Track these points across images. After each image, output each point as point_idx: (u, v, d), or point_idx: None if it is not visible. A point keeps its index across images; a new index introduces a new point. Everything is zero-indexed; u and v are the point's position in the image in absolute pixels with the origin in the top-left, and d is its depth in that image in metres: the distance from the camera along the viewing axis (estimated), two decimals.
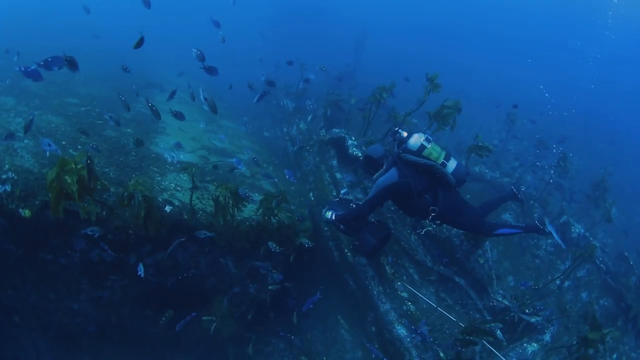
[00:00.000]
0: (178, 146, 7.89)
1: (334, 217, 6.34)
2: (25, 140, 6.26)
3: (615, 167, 12.64)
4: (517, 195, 6.69)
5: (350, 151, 8.46)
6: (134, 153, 7.12)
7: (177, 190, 6.56)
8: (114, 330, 6.80)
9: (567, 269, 7.30)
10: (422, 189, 5.92)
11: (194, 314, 6.24)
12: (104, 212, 5.13)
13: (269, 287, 6.90)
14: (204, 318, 6.66)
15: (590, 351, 5.04)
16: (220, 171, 7.92)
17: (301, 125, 10.35)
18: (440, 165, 5.90)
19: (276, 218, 6.54)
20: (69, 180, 4.14)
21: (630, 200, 14.28)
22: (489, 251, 7.43)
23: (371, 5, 36.12)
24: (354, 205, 6.51)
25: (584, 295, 8.37)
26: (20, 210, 4.85)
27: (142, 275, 5.13)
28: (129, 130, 8.08)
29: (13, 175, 5.21)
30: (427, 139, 5.98)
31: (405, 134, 6.11)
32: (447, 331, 6.40)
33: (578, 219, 10.08)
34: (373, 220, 6.57)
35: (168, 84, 13.12)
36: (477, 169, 10.75)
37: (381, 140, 8.66)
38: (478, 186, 10.79)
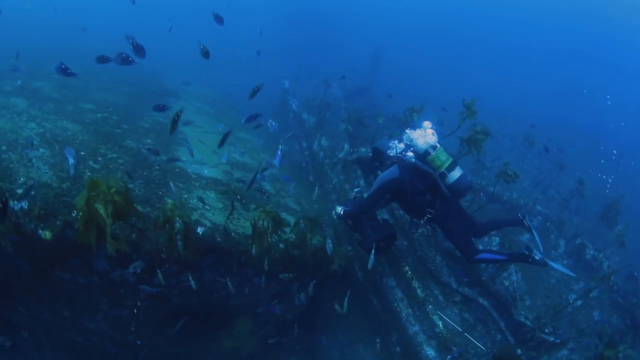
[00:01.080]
0: (201, 162, 7.27)
1: (342, 213, 6.26)
2: (41, 149, 5.54)
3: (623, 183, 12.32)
4: (524, 222, 6.29)
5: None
6: (157, 167, 6.42)
7: (206, 210, 5.88)
8: (129, 349, 6.08)
9: (586, 292, 7.29)
10: (423, 189, 5.87)
11: (187, 316, 5.69)
12: (134, 235, 4.42)
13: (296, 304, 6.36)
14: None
15: None
16: (246, 188, 7.26)
17: (323, 142, 9.72)
18: (438, 175, 5.75)
19: (311, 243, 5.89)
20: (102, 212, 3.44)
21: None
22: (514, 274, 7.36)
23: (383, 15, 35.42)
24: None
25: (595, 313, 8.22)
26: (40, 231, 4.12)
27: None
28: (149, 141, 7.38)
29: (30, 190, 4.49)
30: (433, 146, 5.79)
31: (414, 136, 5.94)
32: (471, 350, 6.34)
33: (591, 239, 9.76)
34: (379, 218, 6.45)
35: (183, 92, 12.43)
36: (492, 189, 10.21)
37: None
38: (496, 207, 10.29)
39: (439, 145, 5.84)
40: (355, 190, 7.00)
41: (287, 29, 23.96)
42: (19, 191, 4.38)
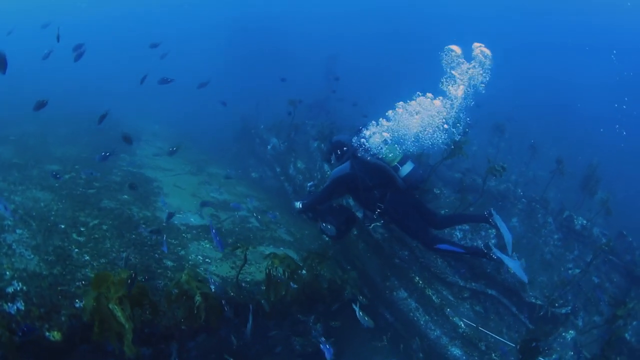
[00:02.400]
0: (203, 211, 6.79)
1: (301, 206, 6.30)
2: (18, 230, 4.91)
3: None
4: (489, 220, 6.17)
5: None
6: (143, 225, 5.91)
7: (208, 263, 5.48)
8: None
9: (589, 263, 7.48)
10: (372, 185, 5.91)
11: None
12: (148, 312, 3.95)
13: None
14: None
15: (620, 322, 5.96)
16: (237, 229, 6.88)
17: (299, 164, 9.41)
18: (392, 168, 5.85)
19: (324, 278, 5.62)
20: (119, 315, 2.99)
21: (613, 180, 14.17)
22: (517, 260, 7.12)
23: (329, 24, 34.74)
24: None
25: (594, 278, 8.45)
26: (48, 333, 3.58)
27: None
28: (126, 197, 6.80)
29: (20, 285, 3.92)
30: (385, 141, 5.94)
31: (368, 133, 6.06)
32: (491, 339, 6.49)
33: (576, 210, 9.95)
34: (336, 205, 6.54)
35: (142, 133, 11.73)
36: (469, 179, 10.26)
37: None
38: (476, 197, 10.41)
39: (390, 141, 5.99)
40: (309, 184, 7.07)
41: (232, 50, 23.25)
42: (9, 290, 3.80)
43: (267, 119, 11.79)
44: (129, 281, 3.20)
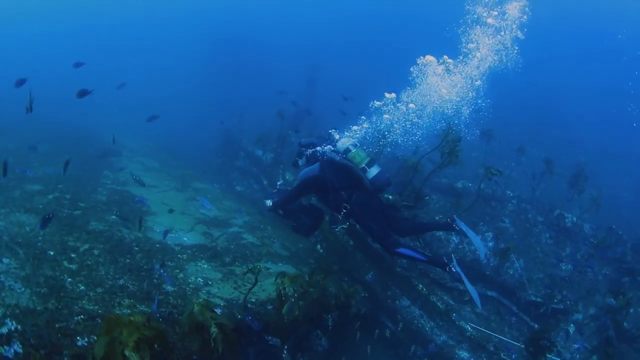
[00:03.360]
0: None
1: (272, 204, 6.36)
2: (4, 260, 4.48)
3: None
4: (453, 226, 6.13)
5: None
6: (136, 248, 5.55)
7: (209, 285, 5.18)
8: None
9: (588, 258, 7.97)
10: (339, 186, 5.96)
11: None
12: (157, 345, 3.63)
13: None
14: None
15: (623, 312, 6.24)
16: (232, 246, 6.59)
17: (287, 176, 9.17)
18: (360, 170, 5.90)
19: (331, 294, 5.42)
20: None
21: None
22: (516, 261, 7.61)
23: (309, 33, 34.25)
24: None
25: (588, 273, 8.59)
26: None
27: None
28: (114, 217, 6.39)
29: (14, 324, 3.53)
30: (354, 144, 6.02)
31: (337, 136, 6.18)
32: (495, 338, 6.56)
33: (565, 208, 10.05)
34: (307, 204, 6.67)
35: (122, 147, 11.22)
36: (459, 184, 10.29)
37: None
38: (468, 201, 10.42)
39: (358, 144, 6.07)
40: (279, 182, 7.08)
41: (211, 61, 22.68)
42: (4, 330, 3.40)
43: (251, 131, 11.49)
44: (146, 323, 2.89)
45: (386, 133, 7.06)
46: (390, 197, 7.41)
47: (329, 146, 6.14)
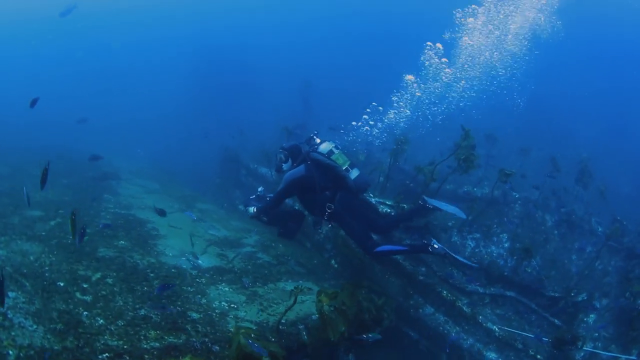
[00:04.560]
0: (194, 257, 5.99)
1: (255, 211, 6.46)
2: (11, 294, 3.95)
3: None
4: (426, 206, 6.37)
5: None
6: (152, 274, 5.06)
7: (234, 309, 4.74)
8: None
9: (598, 250, 7.79)
10: (325, 185, 6.01)
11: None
12: None
13: None
14: None
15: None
16: (250, 267, 6.12)
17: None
18: (344, 170, 5.98)
19: (365, 308, 5.02)
20: None
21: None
22: (533, 260, 7.38)
23: (300, 50, 33.89)
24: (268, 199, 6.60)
25: (598, 265, 8.49)
26: None
27: None
28: (123, 242, 5.88)
29: None
30: (335, 147, 6.12)
31: (318, 140, 6.24)
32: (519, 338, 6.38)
33: (570, 203, 9.97)
34: (288, 208, 6.82)
35: (119, 170, 10.68)
36: (465, 189, 10.03)
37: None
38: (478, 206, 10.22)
39: (339, 148, 6.18)
40: (259, 189, 7.06)
41: (200, 81, 22.23)
42: None
43: (247, 147, 11.13)
44: None
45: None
46: (405, 206, 7.16)
47: (315, 144, 6.22)
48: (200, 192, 11.09)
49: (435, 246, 5.90)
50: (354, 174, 6.06)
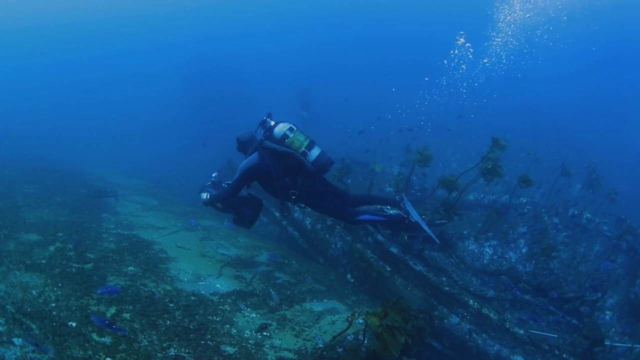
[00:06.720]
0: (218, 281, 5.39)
1: (208, 198, 6.02)
2: (16, 340, 3.30)
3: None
4: (401, 205, 6.20)
5: None
6: (171, 305, 4.46)
7: (268, 337, 4.18)
8: None
9: (613, 248, 7.73)
10: (282, 173, 5.73)
11: None
12: None
13: None
14: None
15: None
16: (271, 288, 5.56)
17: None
18: (300, 154, 5.64)
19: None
20: None
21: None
22: (551, 263, 7.31)
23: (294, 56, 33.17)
24: (225, 186, 6.25)
25: (606, 263, 8.29)
26: None
27: None
28: (132, 268, 5.24)
29: None
30: (290, 129, 5.70)
31: (272, 123, 5.84)
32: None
33: (580, 207, 10.01)
34: (246, 194, 6.35)
35: (116, 186, 9.93)
36: (471, 197, 9.86)
37: None
38: (479, 212, 9.96)
39: (295, 128, 5.74)
40: (213, 174, 6.68)
41: (192, 91, 21.40)
42: None
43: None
44: None
45: None
46: (424, 216, 6.80)
47: (269, 128, 5.78)
48: (200, 207, 10.43)
49: (412, 220, 5.84)
50: (314, 153, 5.68)
